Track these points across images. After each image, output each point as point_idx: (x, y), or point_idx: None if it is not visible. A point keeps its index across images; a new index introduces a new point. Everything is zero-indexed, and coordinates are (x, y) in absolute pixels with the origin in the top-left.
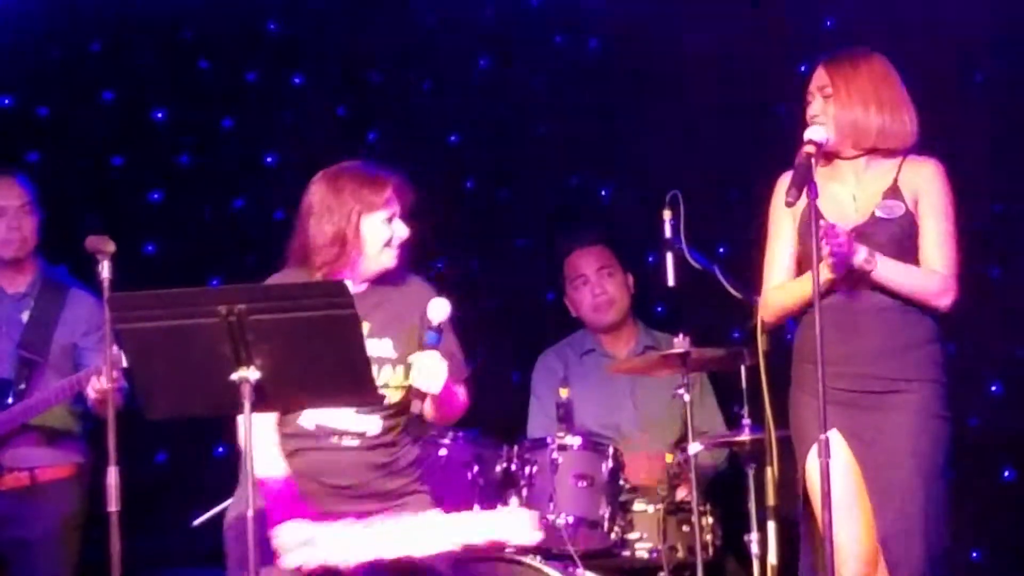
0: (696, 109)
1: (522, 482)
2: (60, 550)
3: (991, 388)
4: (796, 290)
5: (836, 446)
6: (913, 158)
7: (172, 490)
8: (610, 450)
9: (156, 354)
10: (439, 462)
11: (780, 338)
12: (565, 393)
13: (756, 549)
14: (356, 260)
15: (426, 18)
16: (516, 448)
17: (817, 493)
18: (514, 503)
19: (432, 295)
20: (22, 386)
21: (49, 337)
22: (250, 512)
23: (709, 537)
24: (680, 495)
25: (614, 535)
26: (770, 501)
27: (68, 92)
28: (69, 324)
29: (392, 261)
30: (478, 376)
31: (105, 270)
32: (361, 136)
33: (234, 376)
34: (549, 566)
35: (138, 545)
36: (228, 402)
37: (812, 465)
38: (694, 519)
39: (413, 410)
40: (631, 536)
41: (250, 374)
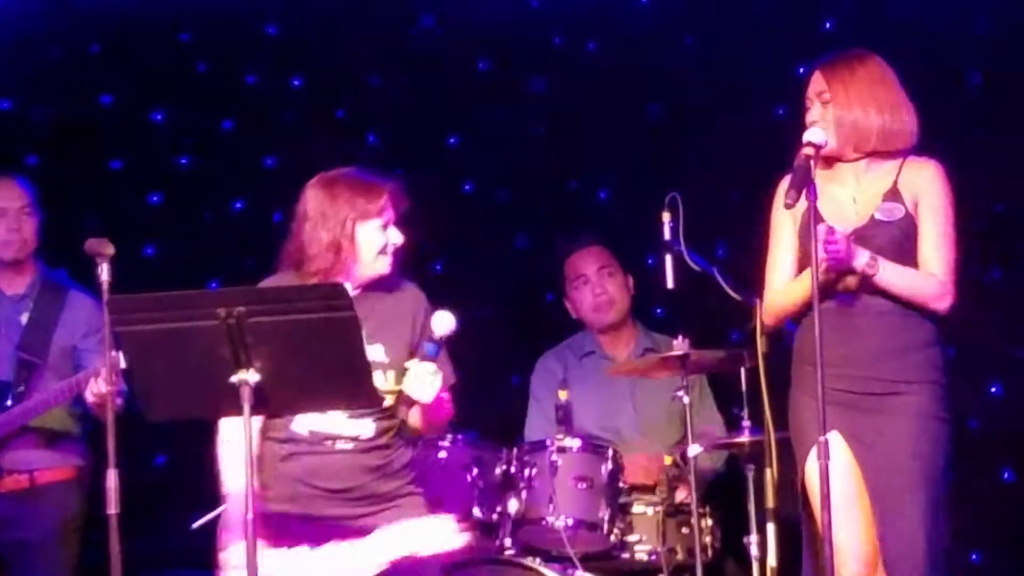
0: (695, 111)
1: (521, 484)
2: (59, 552)
3: (991, 389)
4: (794, 292)
5: (836, 447)
6: (913, 159)
7: (171, 493)
8: (609, 452)
9: (155, 356)
10: (438, 464)
11: (779, 340)
12: (564, 395)
13: (755, 551)
14: (351, 267)
15: (425, 20)
16: (515, 450)
17: (817, 494)
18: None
19: (424, 301)
20: (21, 388)
21: (48, 339)
22: (249, 515)
23: (708, 539)
24: (679, 497)
25: (613, 537)
26: (769, 503)
27: (68, 94)
28: (68, 326)
29: (386, 268)
30: (477, 379)
31: (104, 272)
32: (360, 138)
33: (233, 378)
34: (549, 568)
35: (137, 547)
36: (227, 404)
37: (812, 466)
38: (693, 521)
39: (398, 415)
40: (630, 538)
41: (249, 376)
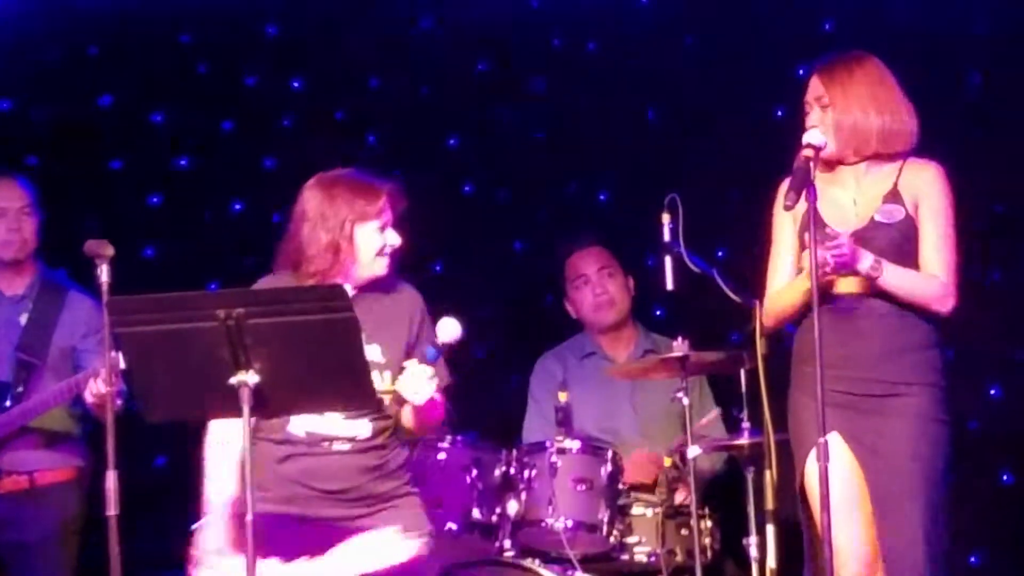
0: (694, 112)
1: (521, 486)
2: (59, 553)
3: (990, 391)
4: (792, 294)
5: (836, 448)
6: (914, 161)
7: (171, 494)
8: (609, 454)
9: (155, 358)
10: (438, 466)
11: (779, 342)
12: (564, 397)
13: (755, 553)
14: (349, 268)
15: (424, 21)
16: (515, 452)
17: (817, 496)
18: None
19: (421, 302)
20: (20, 389)
21: (48, 340)
22: (249, 516)
23: (708, 541)
24: (679, 499)
25: (613, 539)
26: (769, 505)
27: (67, 95)
28: (68, 327)
29: (384, 269)
30: (476, 380)
31: (104, 274)
32: (360, 140)
33: (233, 380)
34: (548, 570)
35: (137, 549)
36: (227, 406)
37: (811, 467)
38: (693, 523)
39: (391, 415)
40: (630, 540)
41: (249, 378)
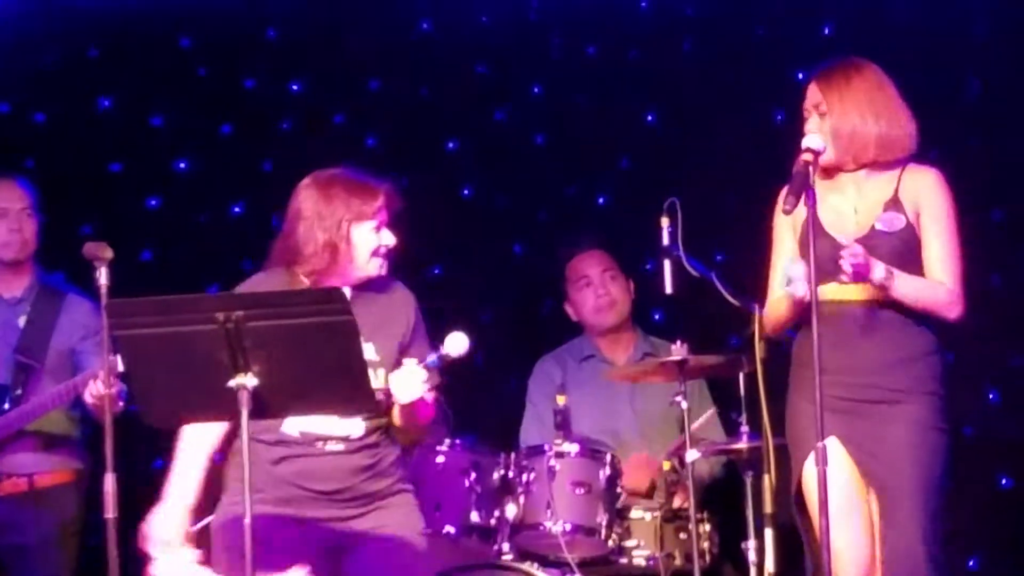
0: (693, 116)
1: (519, 489)
2: (58, 556)
3: (988, 396)
4: (779, 306)
5: (834, 452)
6: (913, 167)
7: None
8: (608, 457)
9: (154, 361)
10: (436, 469)
11: (778, 346)
12: (562, 400)
13: (753, 557)
14: (345, 267)
15: (423, 25)
16: (513, 455)
17: (815, 500)
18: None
19: (414, 302)
20: (19, 391)
21: (46, 342)
22: (247, 519)
23: (706, 544)
24: (677, 502)
25: (611, 542)
26: (767, 509)
27: (66, 98)
28: (66, 329)
29: (378, 269)
30: (475, 383)
31: (103, 276)
32: (359, 143)
33: (232, 383)
34: (546, 573)
35: (135, 551)
36: (226, 409)
37: (809, 471)
38: (691, 526)
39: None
40: (628, 543)
41: (247, 381)
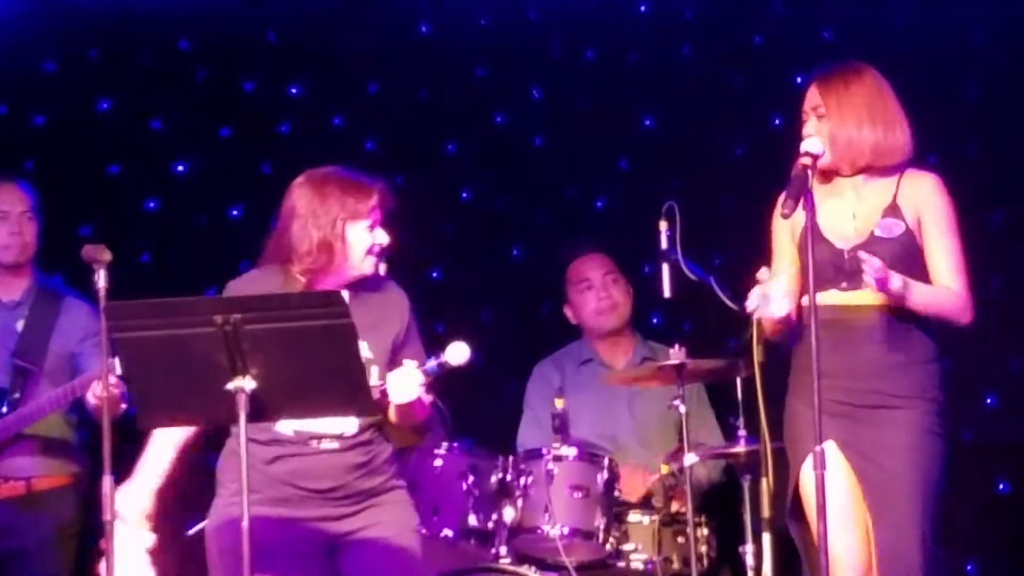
0: (692, 119)
1: (517, 493)
2: (56, 559)
3: (987, 400)
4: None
5: (832, 457)
6: (912, 173)
7: (167, 499)
8: (605, 461)
9: (152, 363)
10: (434, 472)
11: (776, 350)
12: (560, 404)
13: (751, 561)
14: (340, 266)
15: (423, 27)
16: (511, 459)
17: (813, 504)
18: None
19: (407, 301)
20: (17, 395)
21: (44, 346)
22: (245, 522)
23: (704, 549)
24: (675, 506)
25: (609, 546)
26: (765, 513)
27: (65, 100)
28: (64, 333)
29: (372, 268)
30: (473, 386)
31: (101, 279)
32: (358, 145)
33: (230, 385)
34: None
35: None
36: (224, 412)
37: (807, 475)
38: (689, 530)
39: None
40: (626, 547)
41: (246, 383)
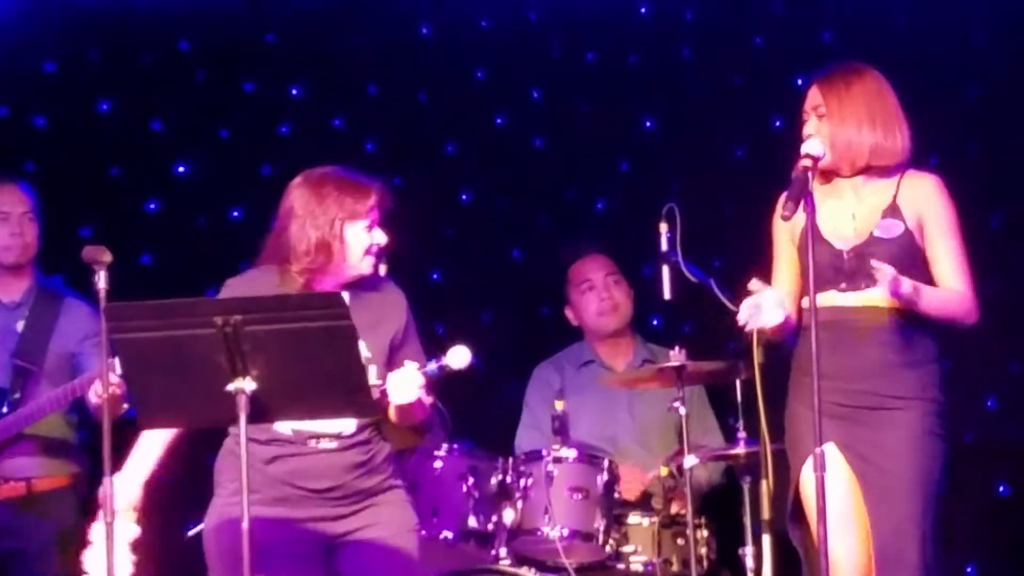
0: (692, 121)
1: (517, 495)
2: (56, 560)
3: (987, 402)
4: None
5: (832, 459)
6: (912, 174)
7: (167, 500)
8: (605, 463)
9: (152, 364)
10: (434, 474)
11: (776, 351)
12: (560, 406)
13: (751, 563)
14: (338, 266)
15: (423, 29)
16: (511, 460)
17: (813, 506)
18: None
19: (405, 300)
20: (17, 395)
21: (45, 346)
22: (245, 523)
23: (704, 551)
24: (675, 508)
25: (609, 548)
26: (765, 515)
27: (65, 101)
28: (65, 333)
29: (370, 268)
30: (473, 388)
31: (102, 280)
32: (358, 147)
33: (230, 387)
34: None
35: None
36: (224, 413)
37: (807, 477)
38: (689, 532)
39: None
40: (626, 549)
41: (246, 385)
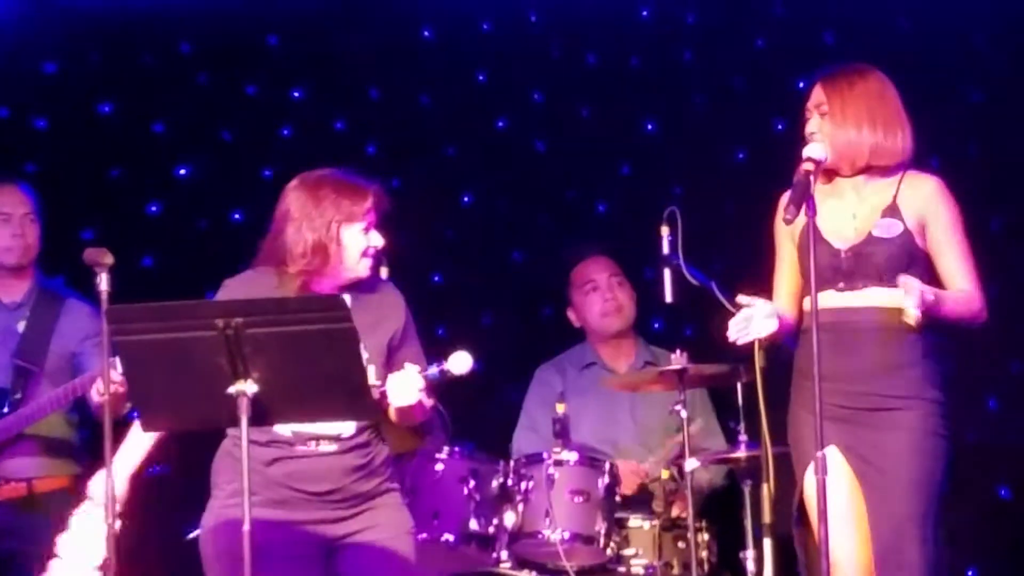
0: (694, 124)
1: (518, 497)
2: None
3: (988, 403)
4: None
5: (835, 462)
6: (913, 174)
7: (168, 502)
8: (606, 466)
9: (153, 366)
10: (435, 477)
11: (777, 355)
12: (562, 408)
13: (752, 566)
14: (335, 268)
15: (424, 32)
16: (512, 463)
17: (815, 510)
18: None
19: (403, 302)
20: (18, 395)
21: (45, 347)
22: (246, 526)
23: (705, 554)
24: (676, 511)
25: (610, 551)
26: (766, 518)
27: (67, 103)
28: (65, 334)
29: (367, 270)
30: (474, 390)
31: (103, 282)
32: (359, 150)
33: (231, 389)
34: None
35: (133, 556)
36: (225, 415)
37: (811, 481)
38: (690, 535)
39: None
40: (627, 552)
41: (247, 387)
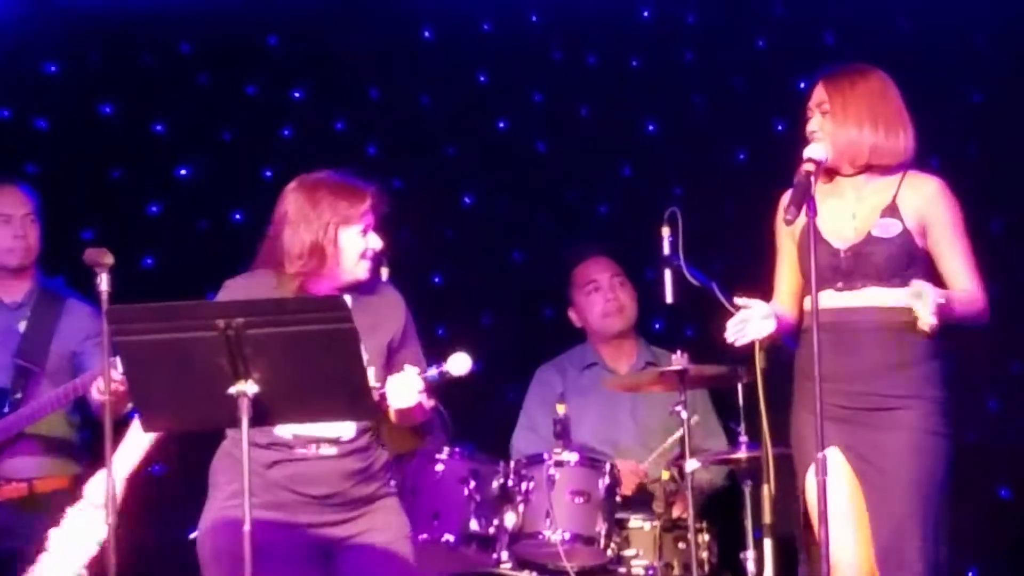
0: (694, 124)
1: (518, 498)
2: None
3: (988, 404)
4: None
5: (836, 463)
6: (913, 175)
7: (168, 501)
8: (607, 466)
9: (154, 367)
10: (435, 477)
11: (777, 355)
12: (562, 409)
13: (752, 567)
14: (333, 270)
15: (425, 32)
16: (513, 464)
17: (816, 510)
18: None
19: (404, 304)
20: (18, 395)
21: (46, 347)
22: (247, 527)
23: (705, 554)
24: (676, 512)
25: (610, 552)
26: (766, 519)
27: (67, 104)
28: (66, 334)
29: (366, 273)
30: (474, 391)
31: (104, 283)
32: (360, 150)
33: (232, 390)
34: None
35: (134, 556)
36: (226, 416)
37: (811, 483)
38: (690, 536)
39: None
40: (627, 553)
41: (248, 388)
